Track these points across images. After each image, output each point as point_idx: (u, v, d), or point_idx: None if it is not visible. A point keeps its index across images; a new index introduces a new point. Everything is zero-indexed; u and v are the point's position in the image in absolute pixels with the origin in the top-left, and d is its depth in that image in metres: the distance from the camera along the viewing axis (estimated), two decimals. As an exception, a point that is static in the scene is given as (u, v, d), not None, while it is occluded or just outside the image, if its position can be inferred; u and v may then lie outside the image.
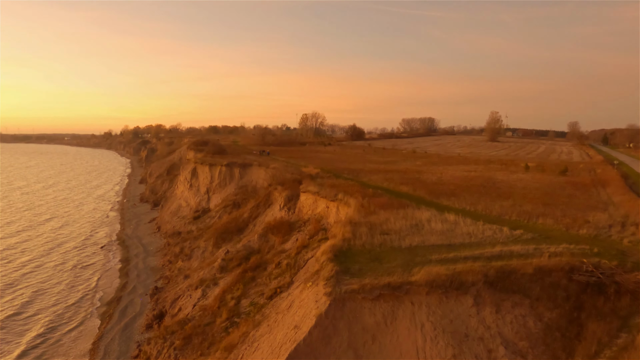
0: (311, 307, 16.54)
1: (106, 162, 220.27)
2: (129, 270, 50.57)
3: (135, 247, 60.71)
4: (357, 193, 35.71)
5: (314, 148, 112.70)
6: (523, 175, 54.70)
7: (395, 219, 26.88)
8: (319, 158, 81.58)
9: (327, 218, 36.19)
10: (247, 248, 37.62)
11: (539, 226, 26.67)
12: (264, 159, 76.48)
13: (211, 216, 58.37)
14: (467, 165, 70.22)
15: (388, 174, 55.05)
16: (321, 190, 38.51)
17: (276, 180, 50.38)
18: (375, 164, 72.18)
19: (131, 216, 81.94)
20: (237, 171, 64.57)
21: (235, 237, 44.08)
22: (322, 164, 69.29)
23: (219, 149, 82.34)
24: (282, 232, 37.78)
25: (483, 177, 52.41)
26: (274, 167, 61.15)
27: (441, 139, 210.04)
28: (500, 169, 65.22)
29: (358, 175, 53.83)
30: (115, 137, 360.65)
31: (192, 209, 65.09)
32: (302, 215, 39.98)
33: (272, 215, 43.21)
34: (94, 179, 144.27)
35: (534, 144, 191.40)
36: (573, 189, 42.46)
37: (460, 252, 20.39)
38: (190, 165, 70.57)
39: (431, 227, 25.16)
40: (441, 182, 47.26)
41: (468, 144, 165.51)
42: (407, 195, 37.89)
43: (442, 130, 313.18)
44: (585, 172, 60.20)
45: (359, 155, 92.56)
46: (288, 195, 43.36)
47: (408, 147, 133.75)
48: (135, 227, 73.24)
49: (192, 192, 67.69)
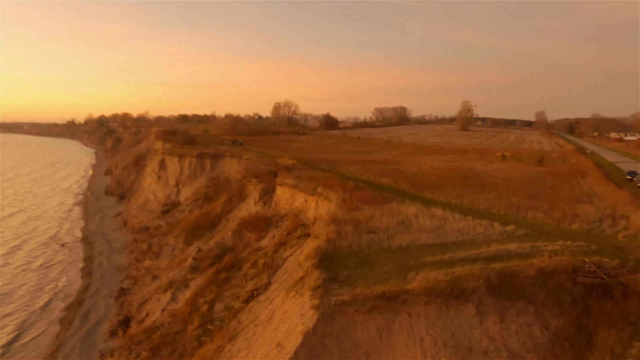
0: (296, 322, 14.55)
1: (70, 152, 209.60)
2: (92, 270, 47.13)
3: (99, 244, 56.97)
4: (338, 186, 33.80)
5: (288, 138, 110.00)
6: (501, 165, 54.24)
7: (381, 215, 25.13)
8: (293, 148, 79.21)
9: (305, 213, 34.18)
10: (221, 246, 35.20)
11: (530, 221, 25.53)
12: (236, 149, 73.43)
13: (181, 210, 55.29)
14: (444, 155, 69.55)
15: (366, 164, 53.43)
16: (299, 183, 36.38)
17: (250, 172, 47.86)
18: (352, 154, 70.51)
19: (95, 210, 77.41)
20: (208, 162, 61.47)
21: (207, 233, 41.46)
22: (298, 154, 67.03)
23: (189, 139, 78.56)
24: (258, 228, 35.53)
25: (462, 167, 51.55)
26: (248, 158, 58.46)
27: (414, 128, 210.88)
28: (477, 158, 64.82)
29: (336, 166, 51.95)
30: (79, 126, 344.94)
31: (161, 203, 61.67)
32: (279, 209, 37.80)
33: (246, 209, 40.80)
34: (56, 171, 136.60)
35: (504, 133, 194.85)
36: (554, 179, 42.00)
37: (455, 252, 18.81)
38: (157, 156, 66.81)
39: (419, 224, 23.54)
40: (421, 173, 46.00)
41: (441, 133, 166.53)
42: (389, 187, 36.28)
43: (414, 120, 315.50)
44: (561, 162, 60.48)
45: (335, 145, 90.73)
46: (263, 189, 41.02)
47: (383, 136, 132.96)
48: (99, 222, 69.09)
49: (160, 184, 64.14)
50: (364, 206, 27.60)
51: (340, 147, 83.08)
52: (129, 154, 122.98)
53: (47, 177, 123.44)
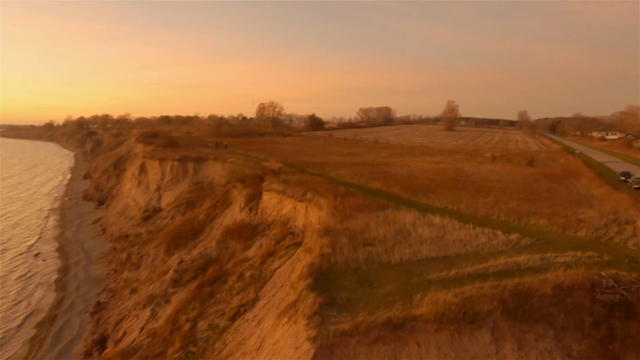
0: (290, 356, 12.70)
1: (47, 156, 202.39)
2: (67, 282, 44.42)
3: (75, 253, 54.03)
4: (328, 192, 32.03)
5: (273, 139, 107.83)
6: (492, 167, 53.26)
7: (377, 224, 23.45)
8: (279, 150, 77.20)
9: (294, 220, 32.31)
10: (204, 256, 33.06)
11: (533, 228, 24.17)
12: (220, 152, 71.07)
13: (162, 217, 52.80)
14: (433, 157, 68.47)
15: (355, 167, 51.83)
16: (287, 189, 34.49)
17: (235, 176, 45.73)
18: (339, 156, 68.88)
19: (72, 216, 74.04)
20: (190, 166, 59.05)
21: (190, 242, 39.23)
22: (284, 156, 65.09)
23: (171, 142, 75.88)
24: (244, 237, 33.52)
25: (453, 169, 50.35)
26: (232, 161, 56.26)
27: (400, 129, 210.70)
28: (467, 159, 63.87)
29: (324, 169, 50.21)
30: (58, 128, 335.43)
31: (141, 209, 58.97)
32: (266, 216, 35.83)
33: (231, 216, 38.71)
34: (35, 175, 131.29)
35: (488, 132, 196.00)
36: (548, 181, 41.01)
37: (462, 267, 17.23)
38: (138, 160, 64.03)
39: (419, 234, 21.92)
40: (413, 176, 44.58)
41: (426, 134, 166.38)
42: (381, 192, 34.67)
43: (399, 120, 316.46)
44: (550, 162, 59.89)
45: (321, 146, 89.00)
46: (249, 194, 38.99)
47: (369, 137, 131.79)
48: (76, 229, 65.94)
49: (140, 189, 61.41)
50: (357, 214, 25.90)
51: (327, 149, 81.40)
52: (109, 157, 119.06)
53: (25, 181, 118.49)
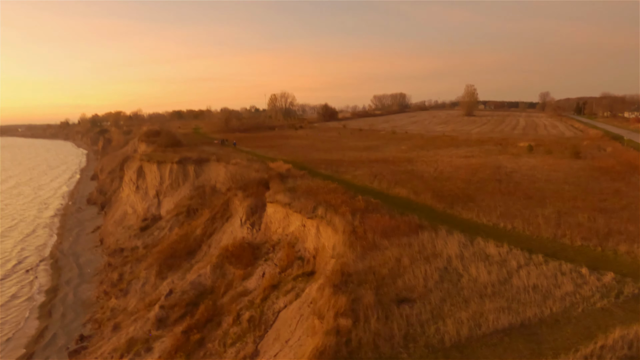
0: None
1: (61, 155, 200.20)
2: (53, 307, 39.55)
3: (69, 269, 49.26)
4: (343, 205, 25.89)
5: (284, 133, 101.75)
6: (532, 160, 46.18)
7: (411, 259, 17.27)
8: (289, 146, 71.12)
9: (303, 241, 26.34)
10: (197, 286, 27.43)
11: (626, 259, 17.62)
12: (225, 150, 65.39)
13: (160, 227, 47.49)
14: (460, 148, 61.46)
15: (374, 165, 45.45)
16: (294, 201, 28.45)
17: (236, 182, 39.93)
18: (355, 150, 62.46)
19: (73, 224, 69.66)
20: (191, 169, 53.48)
21: (185, 263, 33.69)
22: (294, 154, 59.05)
23: (173, 141, 70.41)
24: (244, 261, 27.75)
25: (488, 164, 43.53)
26: (236, 162, 50.43)
27: (416, 115, 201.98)
28: (500, 151, 56.72)
29: (338, 169, 43.98)
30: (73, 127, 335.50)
31: (140, 217, 53.87)
32: (270, 234, 29.95)
33: (231, 233, 32.93)
34: (43, 176, 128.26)
35: (511, 116, 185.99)
36: (609, 179, 33.99)
37: (558, 354, 10.97)
38: (135, 163, 58.85)
39: (473, 277, 15.69)
40: (443, 176, 38.02)
41: (446, 120, 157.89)
42: (409, 203, 28.34)
43: (414, 106, 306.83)
44: (597, 152, 52.41)
45: (335, 139, 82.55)
46: (251, 206, 33.12)
47: (386, 126, 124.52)
48: (75, 239, 61.39)
49: (138, 195, 56.27)
50: (383, 241, 19.74)
51: (342, 143, 74.95)
52: (115, 157, 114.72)
53: (32, 183, 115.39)
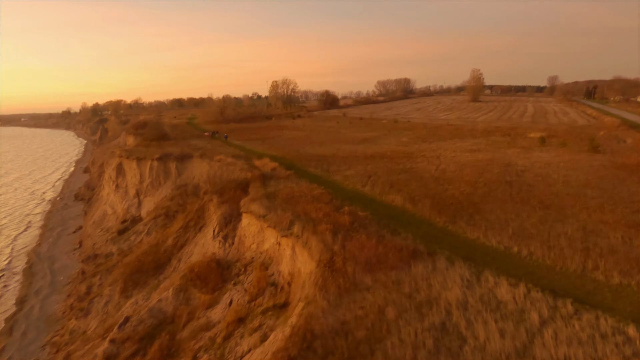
0: None
1: (59, 146, 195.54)
2: (16, 323, 35.93)
3: (42, 275, 45.67)
4: (325, 219, 21.75)
5: (280, 123, 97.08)
6: (545, 155, 41.58)
7: (399, 310, 13.14)
8: (283, 138, 66.72)
9: (278, 263, 22.24)
10: (156, 315, 23.52)
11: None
12: (214, 144, 61.22)
13: (138, 231, 43.60)
14: (465, 140, 56.78)
15: (370, 162, 41.09)
16: (270, 213, 24.28)
17: (214, 183, 35.76)
18: (351, 143, 57.98)
19: (57, 222, 66.02)
20: (173, 166, 49.39)
21: (152, 279, 29.80)
22: (286, 148, 54.75)
23: (159, 134, 66.32)
24: (211, 284, 23.75)
25: (496, 161, 39.01)
26: (220, 159, 46.31)
27: (420, 102, 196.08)
28: (508, 143, 52.02)
29: (329, 167, 39.71)
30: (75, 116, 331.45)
31: (119, 219, 50.04)
32: (244, 250, 25.88)
33: (202, 246, 28.89)
34: (37, 169, 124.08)
35: (518, 101, 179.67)
36: (637, 181, 29.44)
37: None
38: (114, 160, 54.80)
39: (480, 344, 11.53)
40: (445, 177, 33.62)
41: (450, 107, 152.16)
42: (404, 215, 24.08)
43: (419, 92, 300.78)
44: (616, 144, 47.65)
45: (332, 130, 77.91)
46: (225, 215, 29.00)
47: (388, 114, 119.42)
48: (55, 239, 57.75)
49: (118, 195, 52.35)
50: (365, 277, 15.60)
51: (339, 134, 70.37)
52: (108, 148, 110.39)
53: (25, 177, 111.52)
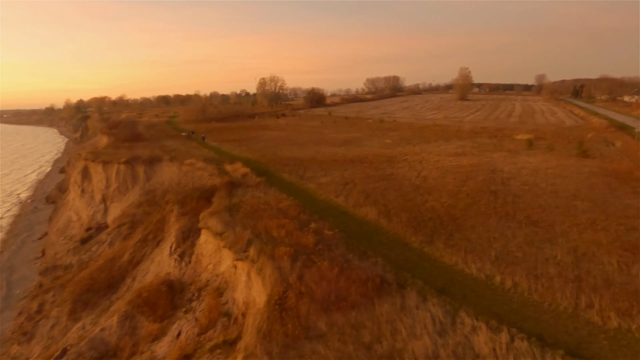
0: None
1: (41, 144, 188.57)
2: (-41, 346, 32.95)
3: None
4: (287, 239, 19.23)
5: (263, 122, 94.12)
6: (532, 160, 39.49)
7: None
8: (262, 139, 63.91)
9: (233, 289, 19.61)
10: (96, 346, 20.76)
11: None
12: (188, 146, 58.23)
13: (100, 241, 40.56)
14: (450, 142, 54.61)
15: (348, 168, 38.60)
16: (228, 229, 21.62)
17: (177, 192, 32.92)
18: (333, 145, 55.45)
19: (24, 227, 62.39)
20: (141, 170, 46.35)
21: (103, 300, 26.97)
22: (263, 150, 52.03)
23: (132, 134, 63.13)
24: (160, 311, 21.03)
25: (481, 167, 36.80)
26: (190, 163, 43.44)
27: (409, 100, 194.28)
28: (495, 146, 49.96)
29: (305, 173, 37.14)
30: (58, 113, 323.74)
31: (84, 226, 46.90)
32: (201, 271, 23.19)
33: (158, 264, 26.13)
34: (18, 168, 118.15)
35: (506, 100, 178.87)
36: (629, 191, 27.32)
37: None
38: (80, 163, 51.58)
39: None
40: (425, 185, 31.26)
41: (439, 105, 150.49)
42: (376, 231, 21.62)
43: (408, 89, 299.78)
44: (605, 147, 45.86)
45: (315, 130, 75.28)
46: (184, 229, 26.26)
47: (374, 113, 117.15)
48: (18, 248, 54.26)
49: (84, 200, 49.16)
50: (320, 320, 13.06)
51: (321, 135, 67.79)
52: (84, 148, 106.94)
53: (5, 176, 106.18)
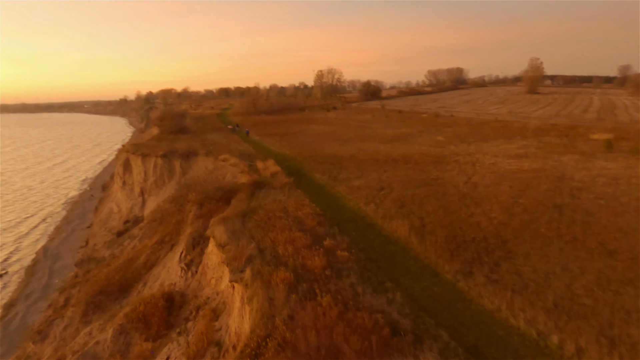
0: None
1: (113, 133, 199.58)
2: (-7, 333, 33.64)
3: (39, 277, 43.54)
4: (292, 258, 16.19)
5: (312, 116, 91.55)
6: (612, 166, 33.11)
7: None
8: (306, 134, 61.23)
9: (229, 314, 16.90)
10: None
11: None
12: (230, 139, 56.95)
13: (133, 236, 40.06)
14: (512, 142, 48.42)
15: (388, 169, 34.65)
16: (232, 242, 18.97)
17: (200, 190, 30.96)
18: (379, 142, 51.39)
19: (77, 214, 64.88)
20: (177, 164, 45.46)
21: (114, 304, 25.60)
22: (303, 146, 49.29)
23: (178, 126, 63.12)
24: (154, 329, 18.88)
25: (545, 172, 31.26)
26: (225, 158, 41.72)
27: (471, 93, 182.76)
28: (565, 146, 43.30)
29: (338, 174, 33.77)
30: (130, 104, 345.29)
31: (123, 218, 47.04)
32: (205, 283, 20.79)
33: (168, 271, 24.16)
34: (89, 154, 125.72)
35: (582, 94, 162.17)
36: None
37: None
38: (122, 155, 51.92)
39: None
40: (474, 194, 26.69)
41: (504, 99, 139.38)
42: (404, 253, 17.84)
43: (471, 82, 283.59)
44: None
45: (363, 125, 71.28)
46: (195, 235, 24.06)
47: (431, 106, 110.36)
48: (67, 235, 56.09)
49: (124, 192, 49.39)
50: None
51: (369, 130, 63.76)
52: (142, 138, 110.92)
53: (83, 163, 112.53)
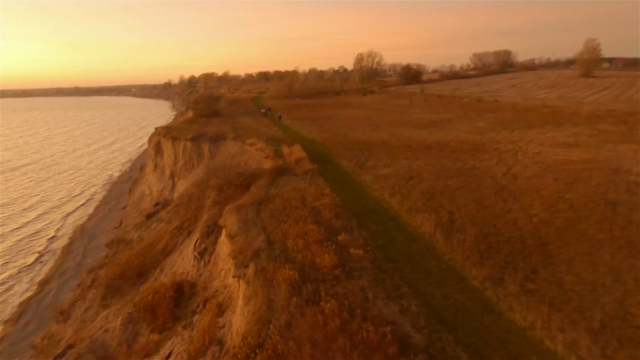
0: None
1: (158, 116, 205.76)
2: (26, 309, 34.95)
3: (74, 255, 45.08)
4: (301, 254, 14.88)
5: (346, 100, 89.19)
6: (677, 158, 29.25)
7: None
8: (339, 118, 59.35)
9: (233, 310, 15.84)
10: (97, 349, 18.76)
11: None
12: (260, 123, 56.09)
13: (160, 219, 40.25)
14: (560, 129, 44.42)
15: (420, 158, 32.42)
16: (241, 232, 17.88)
17: (221, 176, 30.13)
18: (413, 128, 48.79)
19: (115, 195, 67.02)
20: (206, 148, 45.10)
21: (131, 289, 25.37)
22: (334, 130, 47.58)
23: (211, 110, 62.99)
24: (160, 321, 18.23)
25: (596, 164, 28.00)
26: (251, 142, 40.81)
27: (518, 77, 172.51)
28: (621, 135, 39.07)
29: (366, 162, 31.94)
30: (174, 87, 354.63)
31: (153, 200, 47.56)
32: (216, 274, 19.91)
33: (183, 259, 23.53)
34: (128, 138, 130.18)
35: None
36: None
37: None
38: (154, 138, 52.27)
39: None
40: (513, 186, 24.17)
41: (554, 83, 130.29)
42: (426, 253, 16.02)
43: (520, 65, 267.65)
44: None
45: (399, 110, 68.34)
46: (210, 222, 23.22)
47: (474, 90, 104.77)
48: (105, 214, 57.96)
49: (156, 175, 49.83)
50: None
51: (404, 115, 60.94)
52: (176, 121, 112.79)
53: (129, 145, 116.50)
